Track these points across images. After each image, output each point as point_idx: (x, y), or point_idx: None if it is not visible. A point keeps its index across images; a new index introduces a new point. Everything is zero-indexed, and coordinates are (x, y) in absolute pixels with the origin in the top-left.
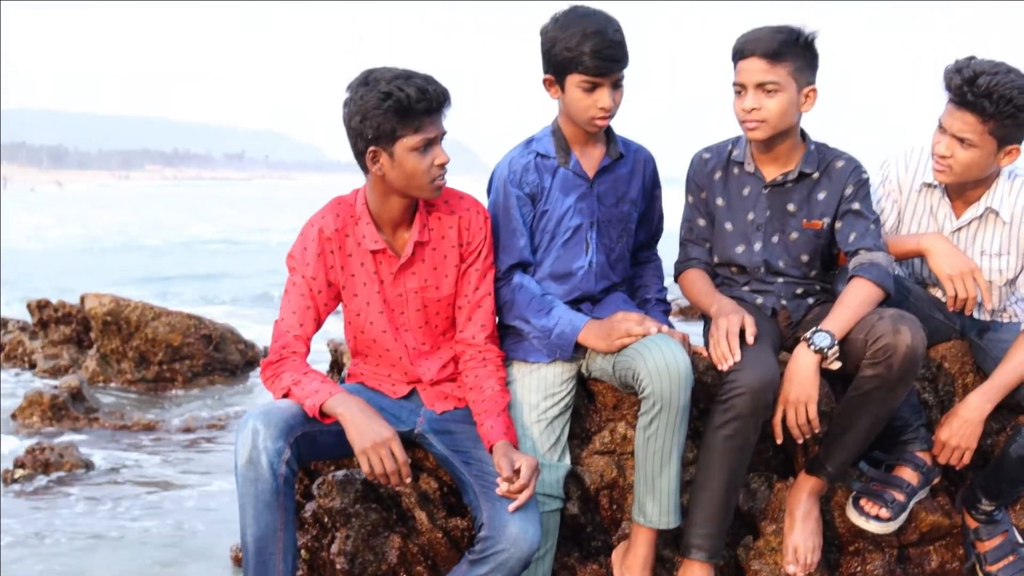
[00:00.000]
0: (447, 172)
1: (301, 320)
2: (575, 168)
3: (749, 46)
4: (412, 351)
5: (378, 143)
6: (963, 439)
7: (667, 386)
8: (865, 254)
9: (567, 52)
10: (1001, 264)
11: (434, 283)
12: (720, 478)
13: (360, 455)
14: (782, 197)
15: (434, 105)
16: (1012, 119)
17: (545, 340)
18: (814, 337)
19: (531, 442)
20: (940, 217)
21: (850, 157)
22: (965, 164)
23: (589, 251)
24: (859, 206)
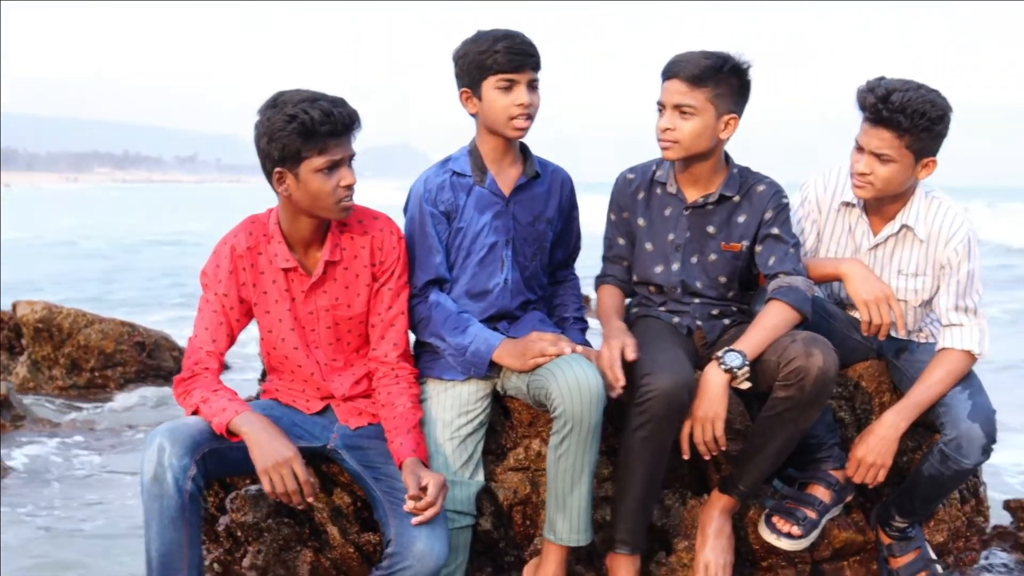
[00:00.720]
0: (353, 193)
1: (214, 336)
2: (491, 187)
3: (674, 68)
4: (324, 367)
5: (284, 164)
6: (878, 456)
7: (578, 405)
8: (784, 278)
9: (480, 56)
10: (917, 284)
11: (345, 301)
12: (639, 477)
13: (262, 474)
14: (702, 219)
15: (339, 128)
16: (927, 132)
17: (460, 358)
18: (725, 356)
19: (444, 459)
20: (858, 235)
21: (771, 182)
22: (885, 179)
23: (504, 269)
24: (778, 231)
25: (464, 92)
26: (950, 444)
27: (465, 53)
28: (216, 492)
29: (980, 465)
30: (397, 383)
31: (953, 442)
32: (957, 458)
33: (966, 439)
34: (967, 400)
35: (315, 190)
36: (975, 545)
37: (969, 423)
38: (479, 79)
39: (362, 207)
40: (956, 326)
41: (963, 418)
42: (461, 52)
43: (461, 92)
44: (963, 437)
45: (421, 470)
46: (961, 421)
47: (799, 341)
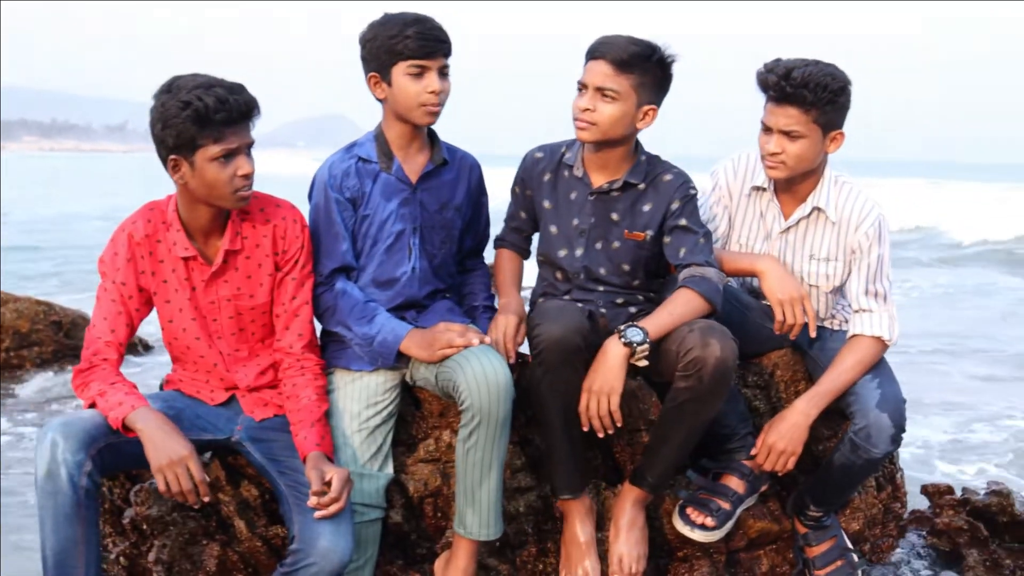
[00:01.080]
0: (252, 182)
1: (112, 326)
2: (397, 173)
3: (602, 48)
4: (227, 357)
5: (179, 152)
6: (788, 443)
7: (486, 399)
8: (696, 268)
9: (390, 40)
10: (828, 270)
11: (248, 291)
12: (556, 425)
13: (156, 473)
14: (607, 205)
15: (235, 116)
16: (831, 105)
17: (367, 348)
18: (627, 331)
19: (352, 451)
20: (769, 220)
21: (679, 172)
22: (797, 156)
23: (412, 257)
24: (686, 221)
25: (372, 77)
26: (859, 433)
27: (374, 37)
28: (122, 484)
29: (890, 454)
30: (302, 374)
31: (862, 431)
32: (866, 447)
33: (875, 428)
34: (876, 389)
35: (211, 179)
36: (892, 532)
37: (878, 412)
38: (389, 64)
39: (265, 195)
40: (866, 311)
41: (872, 407)
42: (369, 35)
43: (369, 77)
44: (872, 426)
45: (325, 464)
46: (870, 410)
47: (696, 331)
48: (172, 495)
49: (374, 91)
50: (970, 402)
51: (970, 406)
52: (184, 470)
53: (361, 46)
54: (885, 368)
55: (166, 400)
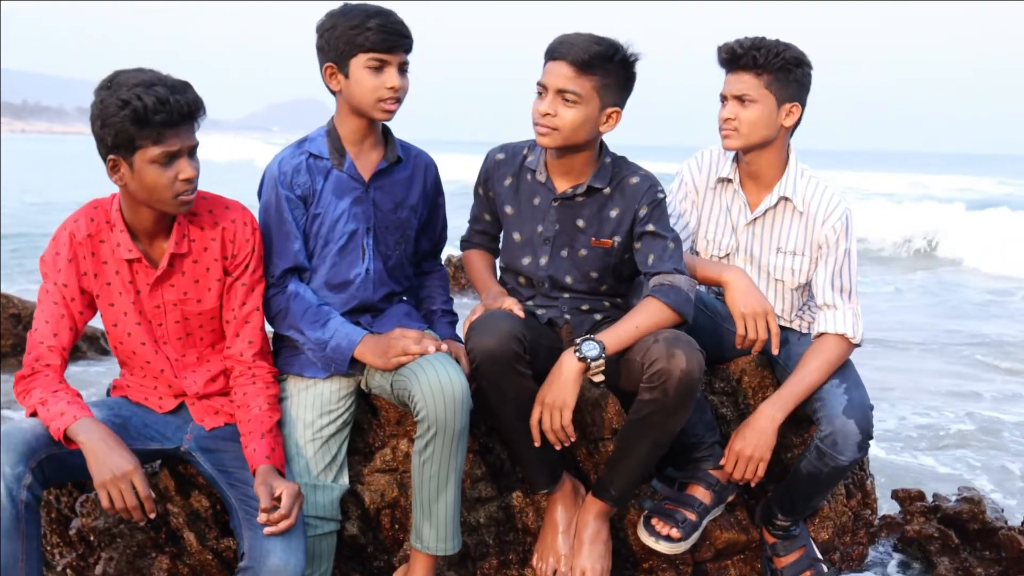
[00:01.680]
0: (195, 186)
1: (55, 330)
2: (349, 171)
3: (562, 49)
4: (175, 363)
5: (117, 152)
6: (755, 449)
7: (442, 410)
8: (666, 276)
9: (351, 31)
10: (795, 264)
11: (195, 296)
12: (515, 428)
13: (99, 488)
14: (572, 211)
15: (175, 117)
16: (783, 73)
17: (320, 353)
18: (582, 345)
19: (305, 461)
20: (735, 213)
21: (646, 174)
22: (750, 122)
23: (366, 258)
24: (654, 227)
25: (328, 67)
26: (825, 440)
27: (333, 26)
28: (70, 492)
29: (858, 461)
30: (253, 383)
31: (828, 438)
32: (833, 455)
33: (841, 435)
34: (843, 395)
35: (150, 182)
36: (862, 539)
37: (844, 419)
38: (347, 56)
39: (214, 195)
40: (831, 308)
41: (838, 414)
42: (328, 24)
43: (325, 67)
44: (838, 433)
45: (274, 479)
46: (836, 417)
47: (661, 341)
48: (116, 511)
49: (329, 83)
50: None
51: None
52: (128, 485)
53: (318, 35)
54: (852, 372)
55: (112, 408)
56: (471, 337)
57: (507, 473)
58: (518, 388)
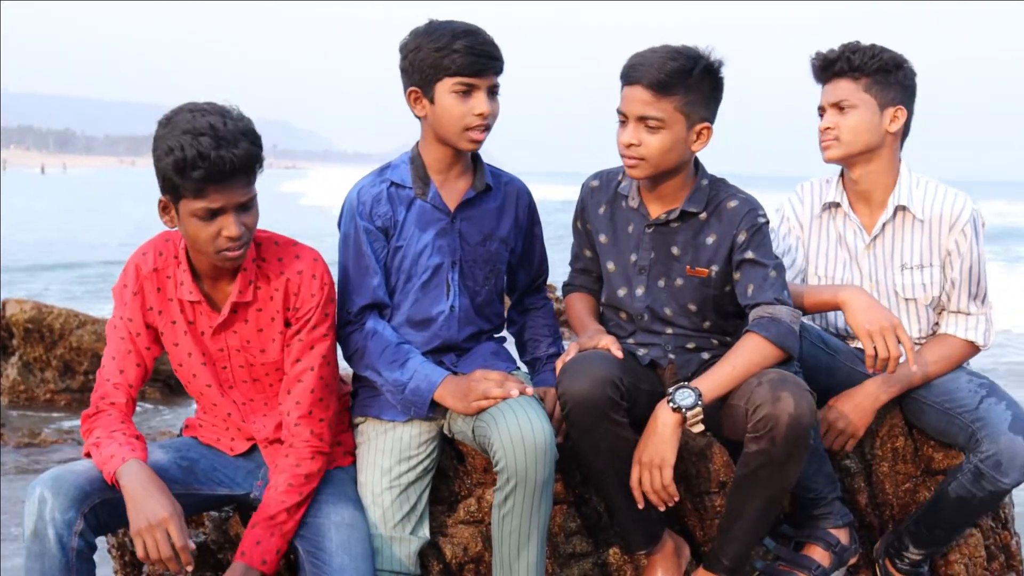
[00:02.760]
0: (241, 243)
1: (121, 366)
2: (434, 200)
3: (636, 72)
4: (242, 407)
5: (165, 194)
6: (849, 425)
7: (522, 460)
8: (766, 307)
9: (436, 54)
10: (924, 278)
11: (258, 345)
12: (610, 481)
13: (134, 536)
14: (666, 238)
15: (215, 175)
16: (883, 75)
17: (399, 396)
18: (676, 393)
19: (381, 512)
20: (850, 238)
21: (746, 197)
22: (851, 129)
23: (451, 294)
24: (753, 254)
25: (413, 92)
26: (987, 461)
27: (417, 47)
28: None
29: (1018, 484)
30: (287, 456)
31: (991, 458)
32: (995, 477)
33: (1007, 454)
34: (1005, 410)
35: (192, 235)
36: None
37: (1011, 436)
38: (432, 79)
39: (288, 240)
40: (963, 314)
41: (1003, 431)
42: (412, 45)
43: (409, 92)
44: (1003, 452)
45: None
46: (1001, 434)
47: (765, 384)
48: (151, 562)
49: (413, 108)
50: None
51: None
52: (164, 534)
53: (402, 56)
54: (1006, 393)
55: (179, 449)
56: (562, 381)
57: (604, 527)
58: (613, 438)
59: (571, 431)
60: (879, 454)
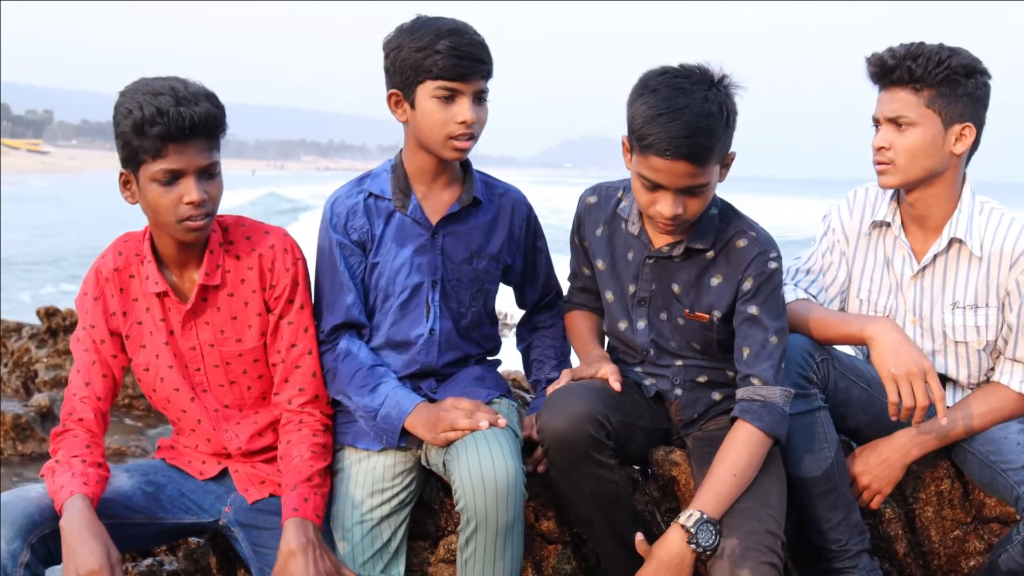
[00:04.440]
0: (206, 210)
1: (87, 378)
2: (414, 214)
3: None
4: (214, 414)
5: (125, 165)
6: (876, 480)
7: (482, 501)
8: (758, 387)
9: (417, 54)
10: (978, 320)
11: (233, 334)
12: (598, 526)
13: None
14: (668, 273)
15: (173, 131)
16: (949, 86)
17: (371, 423)
18: (698, 532)
19: (350, 547)
20: (898, 264)
21: (758, 237)
22: (909, 151)
23: (431, 316)
24: (757, 310)
25: (393, 95)
26: None
27: (399, 46)
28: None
29: None
30: (299, 429)
31: None
32: None
33: None
34: None
35: (152, 202)
36: None
37: None
38: (413, 82)
39: (255, 222)
40: (1020, 363)
41: None
42: (395, 43)
43: (390, 94)
44: None
45: (293, 539)
46: None
47: (726, 559)
48: None
49: (394, 112)
50: None
51: None
52: None
53: (384, 54)
54: None
55: (146, 473)
56: (541, 416)
57: (604, 569)
58: (597, 480)
59: (551, 471)
60: (923, 497)
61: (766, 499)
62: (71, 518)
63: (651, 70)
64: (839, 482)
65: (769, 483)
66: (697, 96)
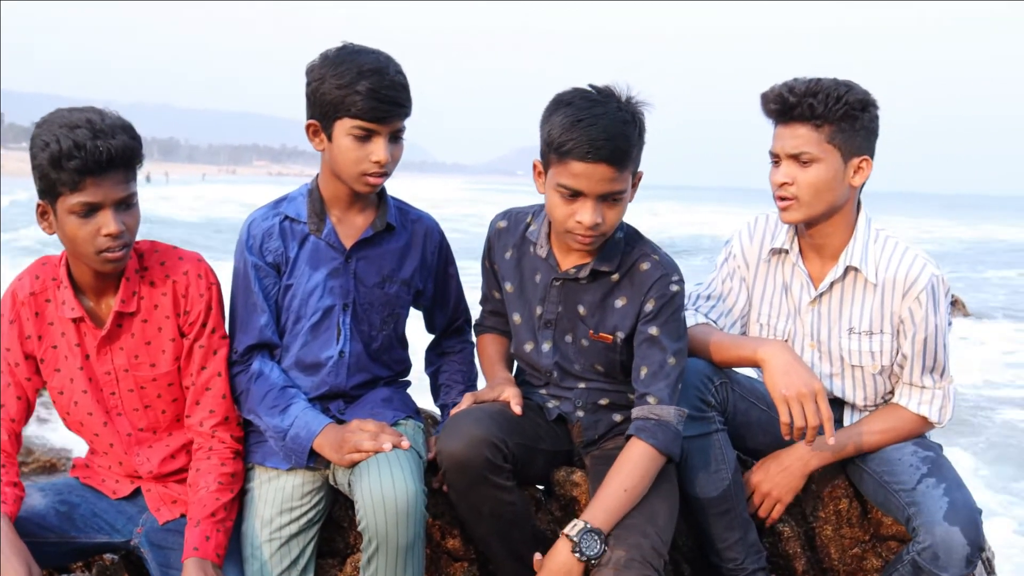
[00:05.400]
0: (123, 242)
1: (1, 400)
2: (329, 238)
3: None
4: (127, 438)
5: (43, 197)
6: (776, 487)
7: (383, 520)
8: (653, 406)
9: (338, 91)
10: (873, 346)
11: (147, 360)
12: (495, 546)
13: None
14: (574, 295)
15: (91, 165)
16: (847, 121)
17: (280, 443)
18: (581, 541)
19: (260, 565)
20: (796, 290)
21: (660, 260)
22: (812, 186)
23: (341, 338)
24: (657, 331)
25: (311, 125)
26: (924, 554)
27: (321, 78)
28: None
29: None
30: (208, 458)
31: (927, 551)
32: (933, 571)
33: (943, 547)
34: (942, 497)
35: (70, 234)
36: None
37: (947, 527)
38: (332, 117)
39: (168, 247)
40: (916, 387)
41: (939, 520)
42: (317, 75)
43: (308, 124)
44: (939, 545)
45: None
46: (936, 525)
47: (611, 566)
48: None
49: (312, 140)
50: None
51: None
52: None
53: (307, 82)
54: (949, 471)
55: (60, 492)
56: (440, 439)
57: None
58: (494, 502)
59: (450, 493)
60: (822, 516)
61: (655, 518)
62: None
63: (562, 91)
64: (736, 502)
65: (659, 503)
66: (611, 107)
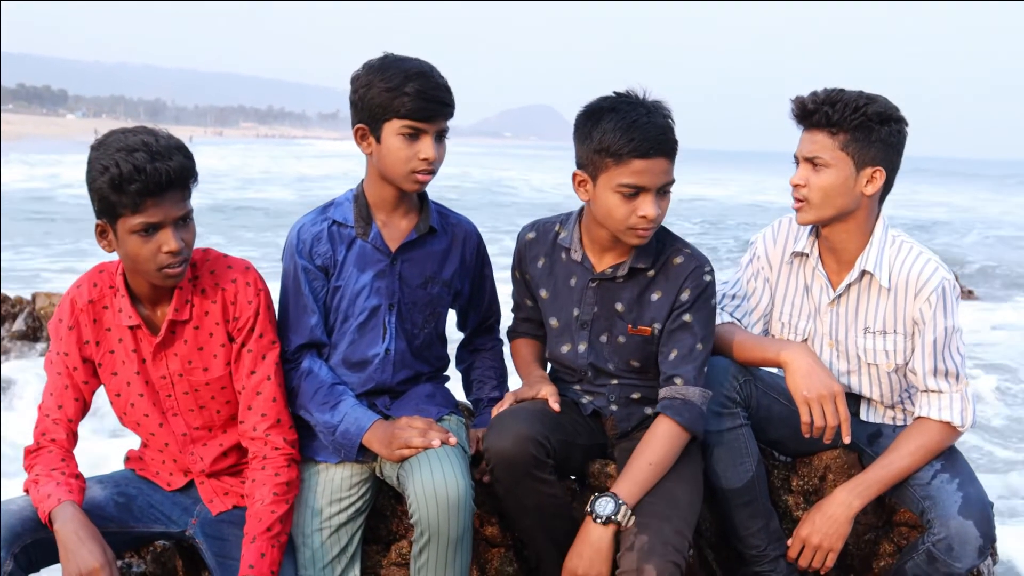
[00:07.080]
0: (182, 258)
1: (60, 401)
2: (375, 241)
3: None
4: (181, 437)
5: (101, 217)
6: (826, 538)
7: (435, 513)
8: (679, 387)
9: (386, 94)
10: (887, 345)
11: (200, 364)
12: (539, 537)
13: None
14: (611, 294)
15: (151, 187)
16: (863, 131)
17: (330, 438)
18: (595, 504)
19: (311, 552)
20: (816, 292)
21: (692, 253)
22: (822, 190)
23: (387, 337)
24: (690, 318)
25: (360, 129)
26: (939, 545)
27: (369, 84)
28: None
29: (975, 567)
30: (263, 468)
31: (942, 543)
32: (948, 561)
33: (958, 539)
34: (956, 491)
35: (132, 253)
36: None
37: (961, 520)
38: (381, 119)
39: (219, 255)
40: (934, 392)
41: (953, 514)
42: (364, 81)
43: (356, 128)
44: (954, 537)
45: None
46: (951, 518)
47: (635, 551)
48: None
49: (359, 144)
50: None
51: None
52: None
53: (352, 89)
54: (963, 465)
55: (117, 484)
56: (487, 436)
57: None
58: (538, 496)
59: (496, 487)
60: None
61: (677, 502)
62: (65, 522)
63: (594, 100)
64: (759, 493)
65: (681, 487)
66: (650, 106)
